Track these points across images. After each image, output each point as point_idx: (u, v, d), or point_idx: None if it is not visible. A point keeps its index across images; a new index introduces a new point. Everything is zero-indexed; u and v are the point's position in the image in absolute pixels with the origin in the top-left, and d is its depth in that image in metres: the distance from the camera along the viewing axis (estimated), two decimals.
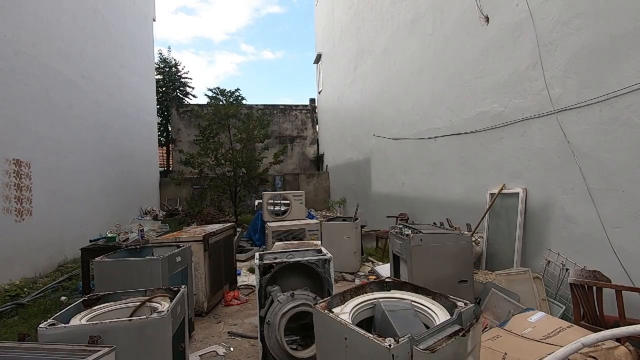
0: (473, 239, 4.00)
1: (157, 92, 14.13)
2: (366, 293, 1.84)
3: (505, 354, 2.02)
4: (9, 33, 5.45)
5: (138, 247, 3.34)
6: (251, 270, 5.72)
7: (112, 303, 2.05)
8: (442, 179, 5.73)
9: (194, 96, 19.10)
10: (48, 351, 1.45)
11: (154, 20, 12.84)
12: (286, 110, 17.73)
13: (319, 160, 16.84)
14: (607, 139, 3.02)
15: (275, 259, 2.71)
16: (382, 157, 8.34)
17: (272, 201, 6.65)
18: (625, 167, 2.87)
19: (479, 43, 4.70)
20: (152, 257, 2.92)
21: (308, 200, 8.99)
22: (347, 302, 1.72)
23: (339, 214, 10.89)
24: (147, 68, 12.05)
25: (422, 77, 6.29)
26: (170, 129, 17.23)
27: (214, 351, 3.05)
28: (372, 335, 1.31)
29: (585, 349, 1.66)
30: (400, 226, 3.67)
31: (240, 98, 13.17)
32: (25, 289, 4.83)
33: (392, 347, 1.21)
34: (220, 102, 11.37)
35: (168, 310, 1.82)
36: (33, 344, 1.52)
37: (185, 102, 17.97)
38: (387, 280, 1.95)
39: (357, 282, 5.06)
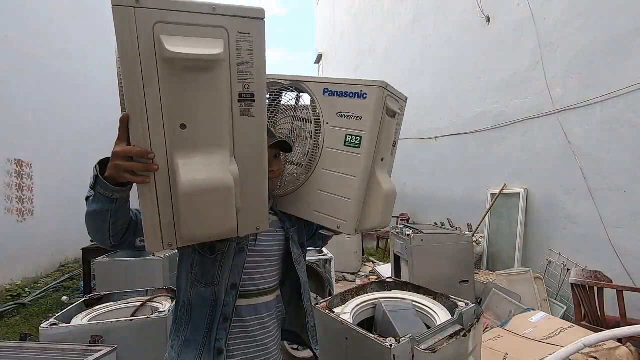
0: (474, 239, 4.00)
1: None
2: (367, 293, 1.84)
3: (506, 354, 2.02)
4: (11, 33, 5.46)
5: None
6: None
7: (113, 303, 2.05)
8: (442, 179, 5.72)
9: None
10: (50, 351, 1.45)
11: None
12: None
13: None
14: (608, 139, 3.02)
15: None
16: None
17: None
18: (626, 166, 2.87)
19: (479, 43, 4.69)
20: (153, 257, 2.92)
21: None
22: (347, 302, 1.72)
23: None
24: None
25: (423, 77, 6.28)
26: None
27: None
28: (373, 335, 1.31)
29: (587, 349, 1.66)
30: (401, 226, 3.67)
31: None
32: (27, 289, 4.85)
33: (393, 346, 1.22)
34: None
35: (169, 310, 1.82)
36: (35, 344, 1.53)
37: None
38: (387, 280, 1.96)
39: (358, 281, 5.05)
